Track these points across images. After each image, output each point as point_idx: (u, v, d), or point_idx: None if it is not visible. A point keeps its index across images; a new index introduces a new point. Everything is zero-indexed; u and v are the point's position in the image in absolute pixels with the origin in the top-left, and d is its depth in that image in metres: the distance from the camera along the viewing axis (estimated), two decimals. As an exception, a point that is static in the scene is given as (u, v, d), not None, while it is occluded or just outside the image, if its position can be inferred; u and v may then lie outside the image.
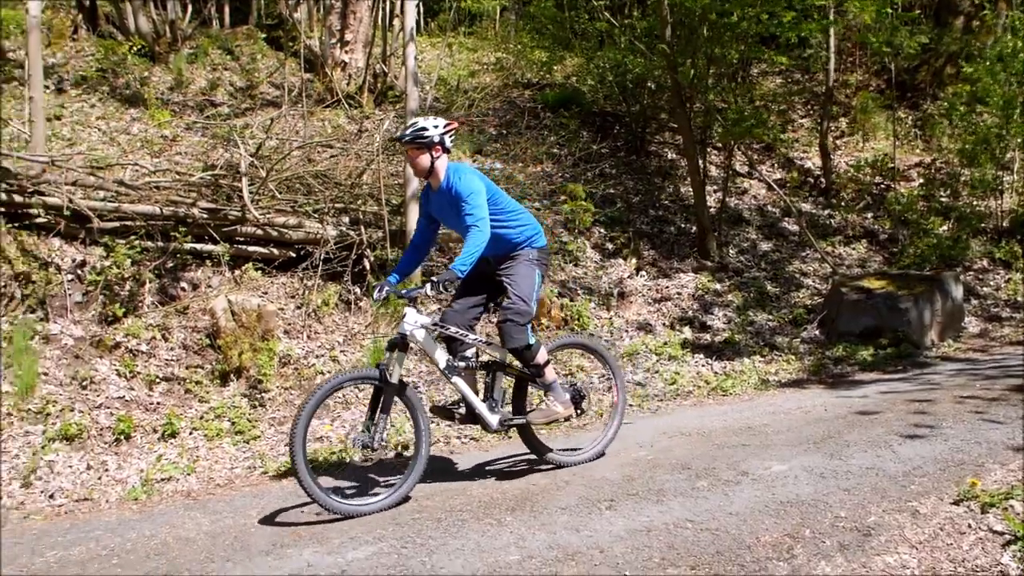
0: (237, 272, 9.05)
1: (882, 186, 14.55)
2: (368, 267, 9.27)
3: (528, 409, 6.12)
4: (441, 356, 5.68)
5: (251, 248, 9.16)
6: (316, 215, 9.41)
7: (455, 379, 5.68)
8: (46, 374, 7.60)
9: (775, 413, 7.58)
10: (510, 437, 6.95)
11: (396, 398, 5.46)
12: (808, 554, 4.34)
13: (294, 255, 9.29)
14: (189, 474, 6.68)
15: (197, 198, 9.14)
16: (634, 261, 11.22)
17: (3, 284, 8.14)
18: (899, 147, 14.92)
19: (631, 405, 8.38)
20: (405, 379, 5.63)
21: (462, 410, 5.85)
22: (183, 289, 8.79)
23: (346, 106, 12.49)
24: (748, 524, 4.78)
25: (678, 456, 6.30)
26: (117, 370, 7.83)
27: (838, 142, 15.71)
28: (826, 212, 13.77)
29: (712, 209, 12.38)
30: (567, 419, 6.22)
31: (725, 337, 10.21)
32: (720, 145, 14.04)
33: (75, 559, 5.03)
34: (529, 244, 5.87)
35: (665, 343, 9.86)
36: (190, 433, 7.35)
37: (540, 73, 14.96)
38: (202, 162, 10.24)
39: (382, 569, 4.45)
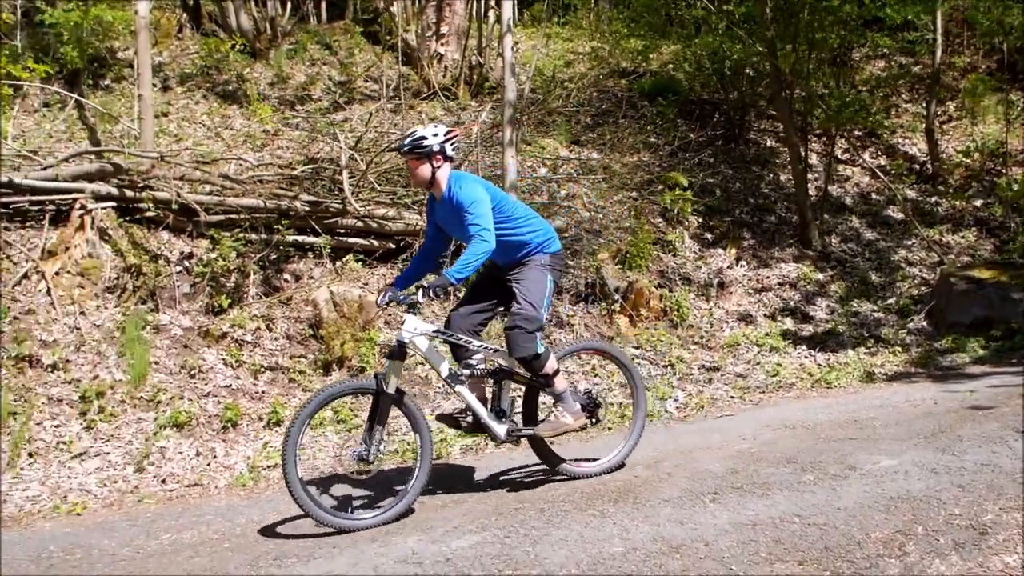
0: (338, 263, 9.20)
1: (992, 171, 14.03)
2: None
3: (540, 418, 5.81)
4: (444, 364, 5.47)
5: (352, 240, 9.30)
6: (415, 206, 9.49)
7: (458, 388, 5.46)
8: (157, 363, 7.84)
9: (882, 406, 7.39)
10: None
11: (395, 408, 5.25)
12: (921, 552, 4.22)
13: (393, 246, 9.40)
14: (294, 461, 6.80)
15: (299, 191, 9.33)
16: (733, 251, 11.05)
17: (116, 276, 8.43)
18: (1011, 131, 14.35)
19: (732, 397, 8.29)
20: (403, 388, 5.35)
21: (469, 418, 5.60)
22: (286, 280, 8.98)
23: (442, 98, 12.57)
24: (857, 520, 4.67)
25: (782, 449, 6.19)
26: (224, 359, 8.03)
27: (945, 127, 15.20)
28: (933, 199, 13.34)
29: (813, 197, 12.10)
30: (581, 429, 5.85)
31: (828, 328, 10.00)
32: (820, 132, 13.73)
33: (188, 542, 5.20)
34: (541, 250, 5.60)
35: (766, 334, 9.70)
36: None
37: (636, 61, 14.82)
38: (303, 156, 10.43)
39: (486, 558, 4.47)
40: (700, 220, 11.48)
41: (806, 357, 9.39)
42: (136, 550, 5.12)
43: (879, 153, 14.39)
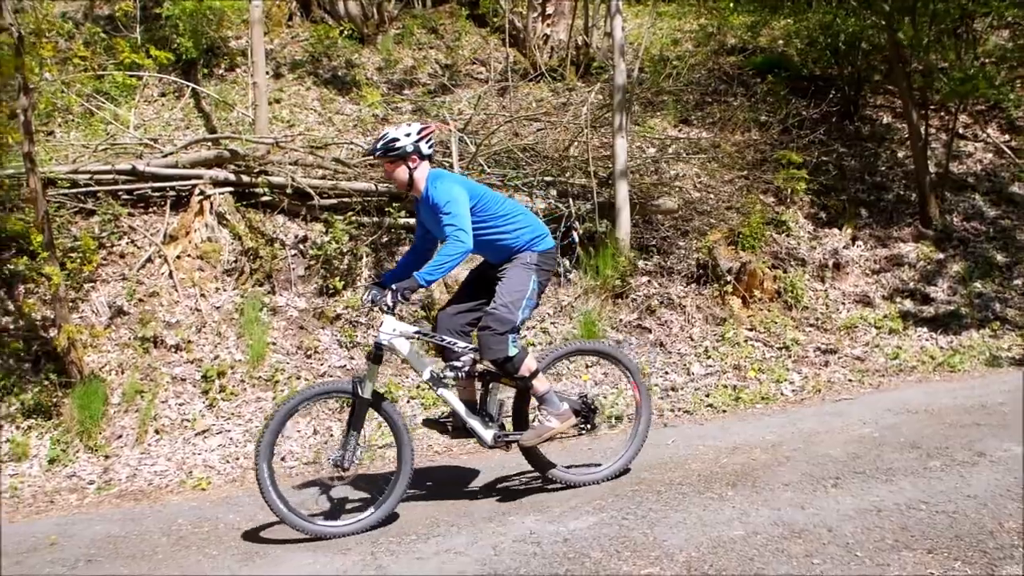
0: (448, 245, 9.25)
1: None
2: (577, 239, 9.25)
3: (531, 419, 5.50)
4: (425, 366, 5.28)
5: (461, 221, 9.34)
6: (525, 188, 9.49)
7: (441, 391, 5.26)
8: (274, 344, 8.04)
9: (1011, 391, 7.10)
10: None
11: (374, 412, 5.09)
12: (1061, 543, 4.06)
13: (503, 228, 9.41)
14: (409, 441, 6.87)
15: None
16: (850, 230, 10.73)
17: (234, 259, 8.66)
18: None
19: (850, 380, 8.08)
20: (381, 392, 5.20)
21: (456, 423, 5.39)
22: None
23: (549, 80, 12.52)
24: (989, 508, 4.52)
25: (905, 434, 6.02)
26: (338, 340, 8.18)
27: (1075, 99, 14.46)
28: (1063, 175, 12.74)
29: (933, 174, 11.68)
30: (577, 432, 5.50)
31: (950, 310, 9.64)
32: (938, 107, 13.21)
33: (309, 519, 5.29)
34: (529, 248, 5.31)
35: (884, 316, 9.41)
36: (407, 402, 7.59)
37: (745, 38, 14.50)
38: (413, 139, 10.50)
39: (604, 539, 4.46)
40: (814, 199, 11.19)
41: (927, 340, 9.08)
42: (259, 525, 5.25)
43: (1003, 128, 13.79)
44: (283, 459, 6.73)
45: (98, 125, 9.90)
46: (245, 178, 8.99)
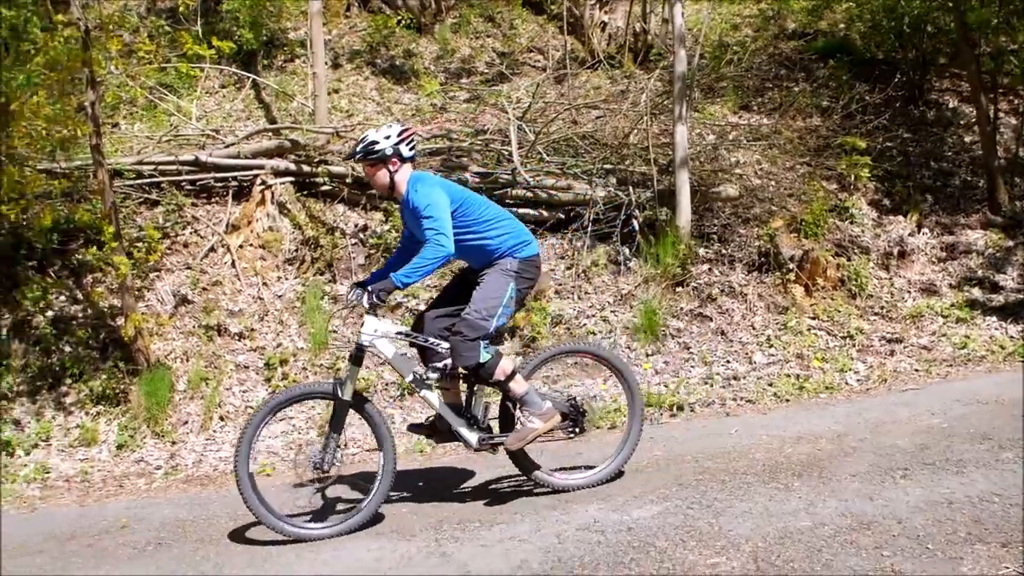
0: (507, 234, 9.24)
1: None
2: (637, 227, 9.21)
3: (517, 417, 5.34)
4: (407, 368, 5.21)
5: (521, 210, 9.27)
6: (584, 176, 9.43)
7: (424, 392, 5.16)
8: (335, 332, 8.10)
9: (1085, 382, 6.92)
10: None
11: (355, 413, 5.04)
12: None
13: (563, 216, 9.36)
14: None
15: (468, 163, 9.42)
16: (915, 217, 10.51)
17: (295, 248, 8.75)
18: None
19: (916, 370, 7.92)
20: (364, 394, 5.09)
21: (440, 426, 5.31)
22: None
23: (607, 67, 12.44)
24: (1066, 502, 4.40)
25: (976, 425, 5.89)
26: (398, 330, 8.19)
27: None
28: None
29: (1001, 159, 11.40)
30: (563, 435, 5.36)
31: (1020, 298, 9.40)
32: (1007, 90, 12.88)
33: (372, 506, 5.32)
34: (511, 254, 5.21)
35: (952, 304, 9.20)
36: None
37: (806, 22, 14.27)
38: (471, 128, 10.52)
39: (669, 529, 4.44)
40: (877, 186, 10.98)
41: (996, 329, 8.86)
42: (323, 511, 5.31)
43: (1075, 111, 13.42)
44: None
45: (161, 117, 10.06)
46: (305, 168, 9.09)
